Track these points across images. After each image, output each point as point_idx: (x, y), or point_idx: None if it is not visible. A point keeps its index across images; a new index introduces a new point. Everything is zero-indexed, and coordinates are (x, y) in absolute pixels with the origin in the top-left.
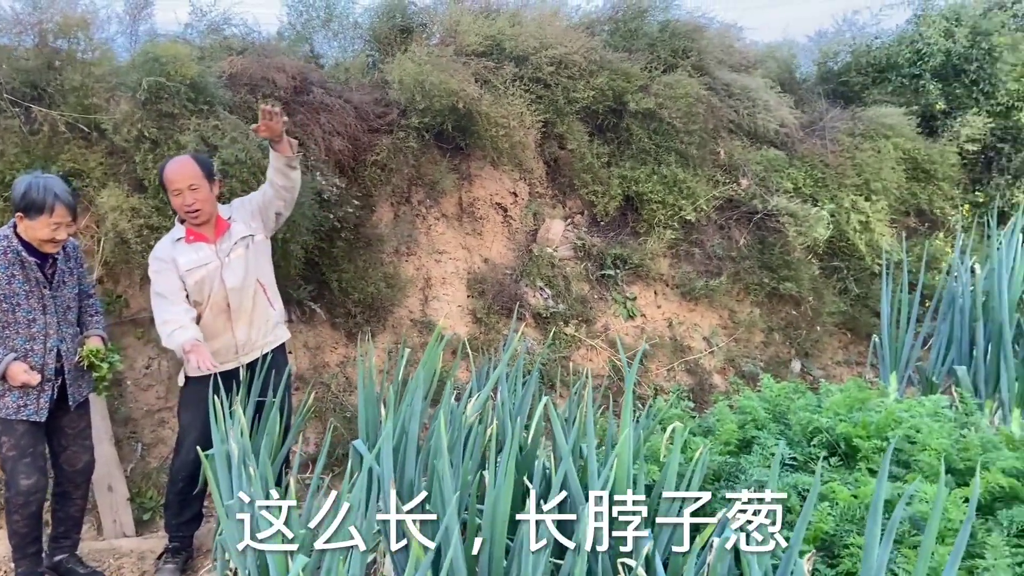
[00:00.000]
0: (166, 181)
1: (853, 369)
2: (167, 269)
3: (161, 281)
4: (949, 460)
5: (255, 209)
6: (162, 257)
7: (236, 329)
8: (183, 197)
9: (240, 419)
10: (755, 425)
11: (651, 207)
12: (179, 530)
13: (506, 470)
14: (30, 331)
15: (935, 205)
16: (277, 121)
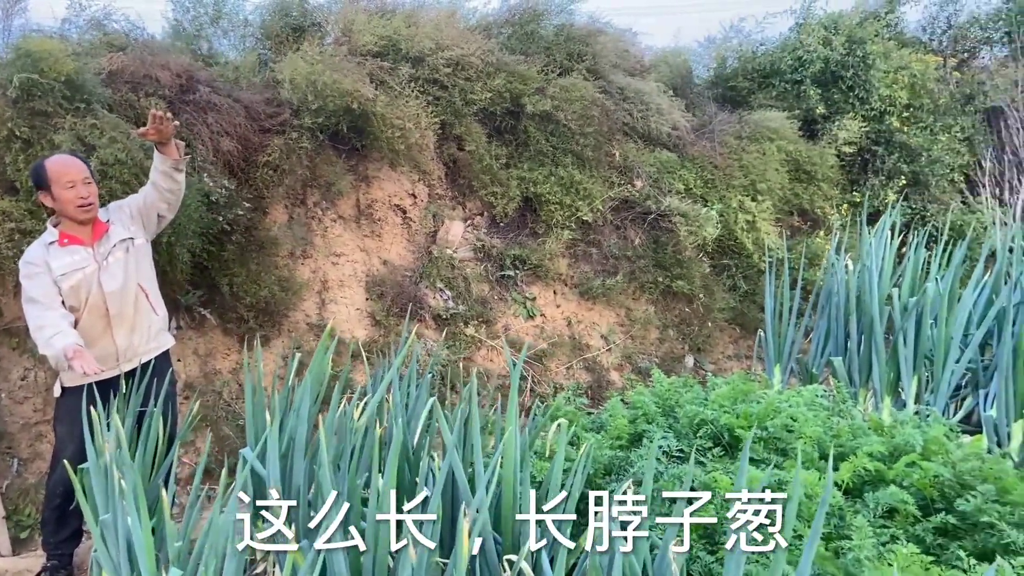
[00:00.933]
0: (56, 174)
1: (743, 363)
2: (40, 273)
3: (34, 286)
4: (822, 446)
5: (135, 211)
6: (34, 261)
7: (116, 336)
8: (78, 189)
9: (117, 430)
10: (646, 419)
11: (549, 208)
12: (58, 548)
13: (390, 471)
14: None
15: (816, 205)
16: (167, 126)
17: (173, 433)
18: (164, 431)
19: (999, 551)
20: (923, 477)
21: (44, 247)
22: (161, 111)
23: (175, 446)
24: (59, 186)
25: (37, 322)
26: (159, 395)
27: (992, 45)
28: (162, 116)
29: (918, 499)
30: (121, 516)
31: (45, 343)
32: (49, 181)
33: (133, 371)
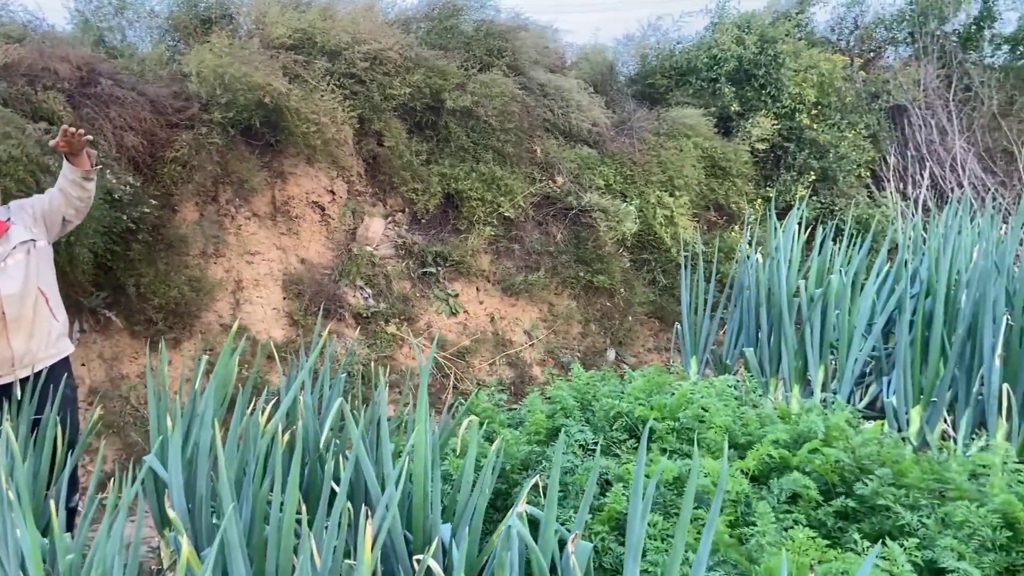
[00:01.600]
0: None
1: (663, 355)
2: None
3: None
4: (732, 436)
5: (38, 213)
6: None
7: (13, 340)
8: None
9: (9, 439)
10: (564, 413)
11: (471, 204)
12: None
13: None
14: None
15: (731, 200)
16: (80, 141)
17: (74, 440)
18: (64, 439)
19: (895, 532)
20: (825, 463)
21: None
22: (73, 128)
23: (76, 454)
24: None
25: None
26: (56, 402)
27: (896, 45)
28: (74, 132)
29: (820, 484)
30: (11, 529)
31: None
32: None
33: (28, 377)
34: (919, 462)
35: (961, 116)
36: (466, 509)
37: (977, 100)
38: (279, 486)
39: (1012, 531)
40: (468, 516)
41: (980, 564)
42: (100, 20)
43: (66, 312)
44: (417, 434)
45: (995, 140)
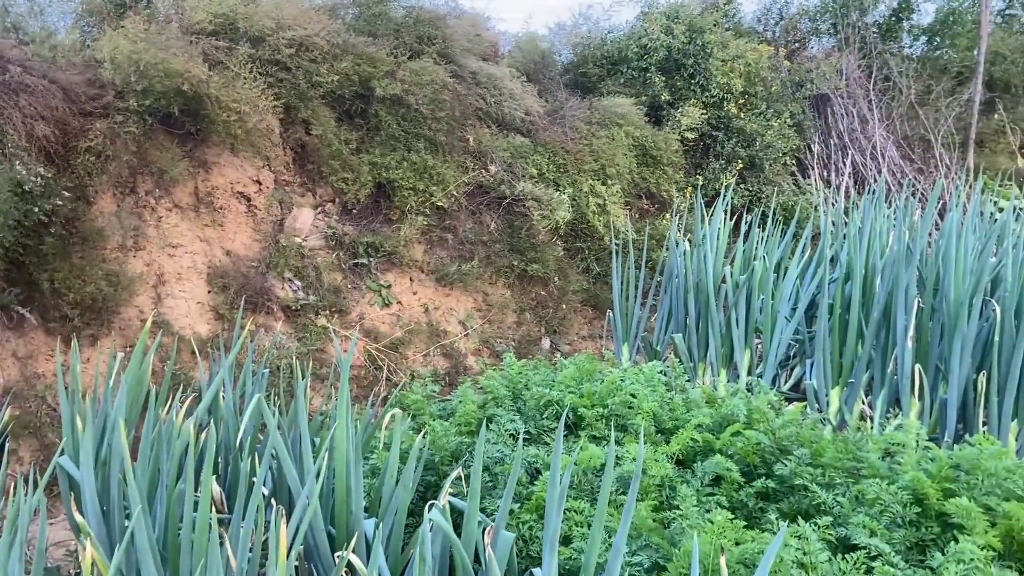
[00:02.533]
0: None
1: (596, 342)
2: None
3: None
4: (659, 421)
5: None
6: None
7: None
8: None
9: None
10: (495, 403)
11: (403, 193)
12: None
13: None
14: None
15: (662, 188)
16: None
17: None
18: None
19: (812, 511)
20: (746, 445)
21: None
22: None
23: None
24: None
25: None
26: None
27: (820, 36)
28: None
29: (742, 467)
30: None
31: None
32: None
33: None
34: (835, 442)
35: (881, 105)
36: (391, 503)
37: (896, 90)
38: (191, 487)
39: (921, 507)
40: (393, 510)
41: (891, 540)
42: (12, 4)
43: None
44: (338, 428)
45: (913, 128)
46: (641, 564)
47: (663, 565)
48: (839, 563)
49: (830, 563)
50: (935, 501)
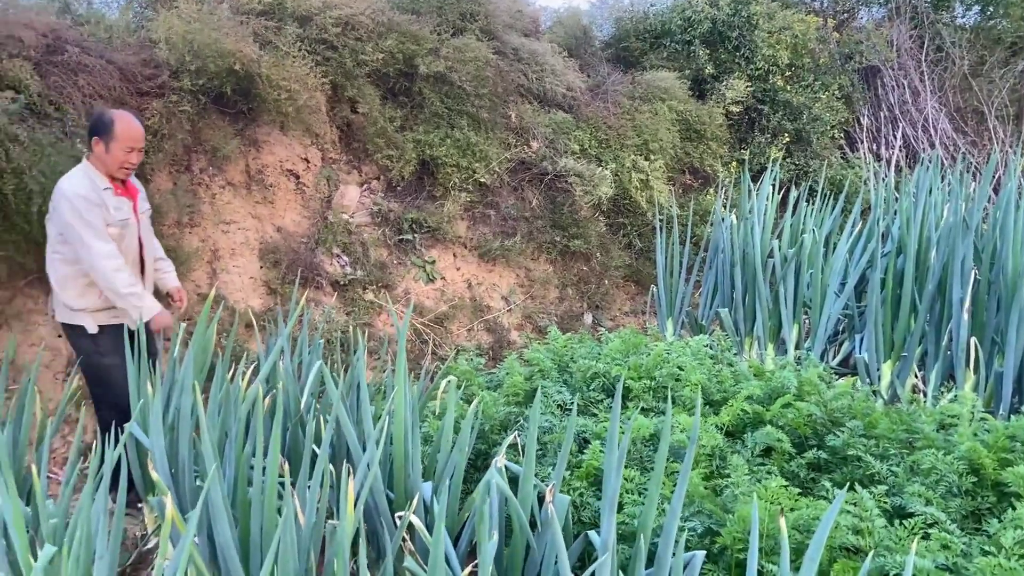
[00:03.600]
0: (123, 134)
1: (639, 318)
2: (99, 210)
3: (96, 220)
4: (707, 393)
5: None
6: (94, 200)
7: (146, 285)
8: (133, 155)
9: None
10: (541, 375)
11: (446, 170)
12: None
13: (274, 438)
14: None
15: (706, 163)
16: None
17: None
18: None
19: (865, 481)
20: (797, 417)
21: (98, 188)
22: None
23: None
24: (121, 146)
25: (113, 263)
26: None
27: (869, 6)
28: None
29: (793, 438)
30: None
31: (128, 290)
32: (112, 136)
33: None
34: (889, 414)
35: (933, 77)
36: (446, 467)
37: (948, 61)
38: (260, 448)
39: (977, 477)
40: (448, 474)
41: (947, 508)
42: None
43: None
44: (397, 395)
45: (966, 100)
46: (694, 529)
47: (716, 531)
48: (896, 529)
49: (886, 529)
50: (991, 471)
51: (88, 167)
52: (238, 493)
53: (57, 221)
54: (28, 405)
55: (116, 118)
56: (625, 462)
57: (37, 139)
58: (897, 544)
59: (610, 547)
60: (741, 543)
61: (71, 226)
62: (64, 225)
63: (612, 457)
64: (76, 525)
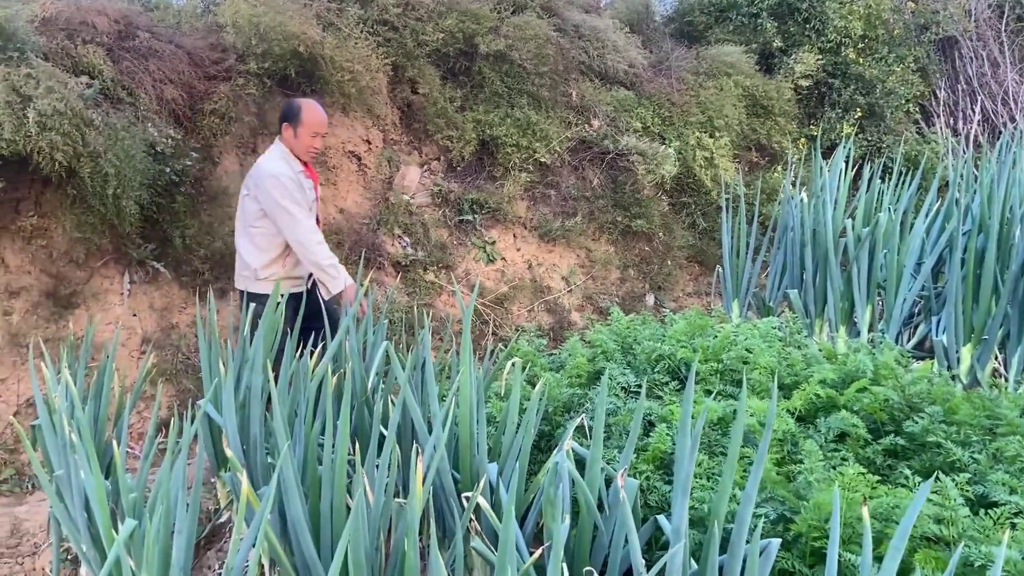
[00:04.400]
0: (311, 121)
1: (702, 299)
2: (298, 192)
3: (298, 201)
4: (777, 376)
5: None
6: (295, 180)
7: None
8: (318, 140)
9: (68, 384)
10: (604, 357)
11: (506, 150)
12: None
13: (344, 416)
14: None
15: (773, 139)
16: None
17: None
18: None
19: (945, 469)
20: (873, 402)
21: (293, 169)
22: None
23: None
24: (307, 131)
25: (317, 237)
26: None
27: None
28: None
29: (868, 423)
30: (75, 471)
31: (329, 262)
32: (301, 123)
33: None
34: (970, 399)
35: (1013, 47)
36: (511, 449)
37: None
38: (331, 427)
39: None
40: (514, 455)
41: None
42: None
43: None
44: (462, 376)
45: None
46: (767, 516)
47: (789, 518)
48: (982, 519)
49: (970, 519)
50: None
51: (284, 151)
52: (308, 471)
53: (261, 199)
54: (107, 382)
55: (304, 106)
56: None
57: (111, 124)
58: (981, 534)
59: (683, 534)
60: (817, 531)
61: (278, 203)
62: (270, 202)
63: (685, 442)
64: (156, 500)
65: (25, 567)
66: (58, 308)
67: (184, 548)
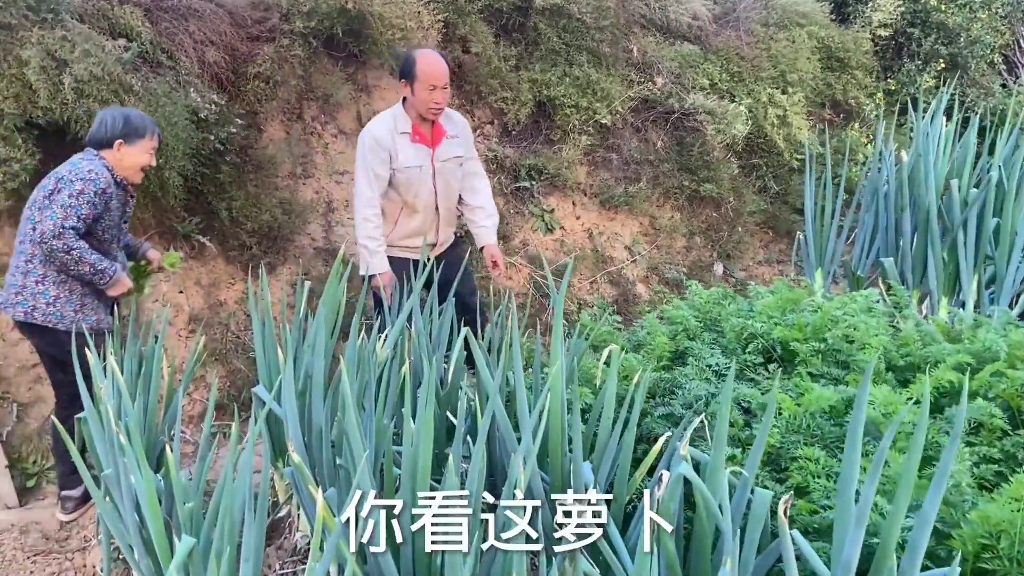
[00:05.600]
0: (424, 74)
1: (774, 268)
2: (384, 159)
3: (374, 167)
4: (889, 358)
5: (470, 147)
6: (384, 145)
7: (441, 230)
8: (437, 94)
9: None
10: (687, 335)
11: (564, 112)
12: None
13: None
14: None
15: (850, 95)
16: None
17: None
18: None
19: None
20: (1009, 387)
21: (393, 133)
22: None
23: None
24: (421, 85)
25: (368, 212)
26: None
27: None
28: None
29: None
30: (124, 473)
31: (364, 242)
32: (414, 76)
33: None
34: None
35: None
36: (608, 447)
37: None
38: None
39: None
40: (611, 454)
41: None
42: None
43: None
44: (552, 363)
45: None
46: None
47: (941, 530)
48: None
49: None
50: None
51: (398, 110)
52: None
53: None
54: (156, 369)
55: (417, 57)
56: (802, 438)
57: (151, 88)
58: None
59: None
60: (988, 550)
61: (356, 163)
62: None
63: (854, 458)
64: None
65: (75, 563)
66: None
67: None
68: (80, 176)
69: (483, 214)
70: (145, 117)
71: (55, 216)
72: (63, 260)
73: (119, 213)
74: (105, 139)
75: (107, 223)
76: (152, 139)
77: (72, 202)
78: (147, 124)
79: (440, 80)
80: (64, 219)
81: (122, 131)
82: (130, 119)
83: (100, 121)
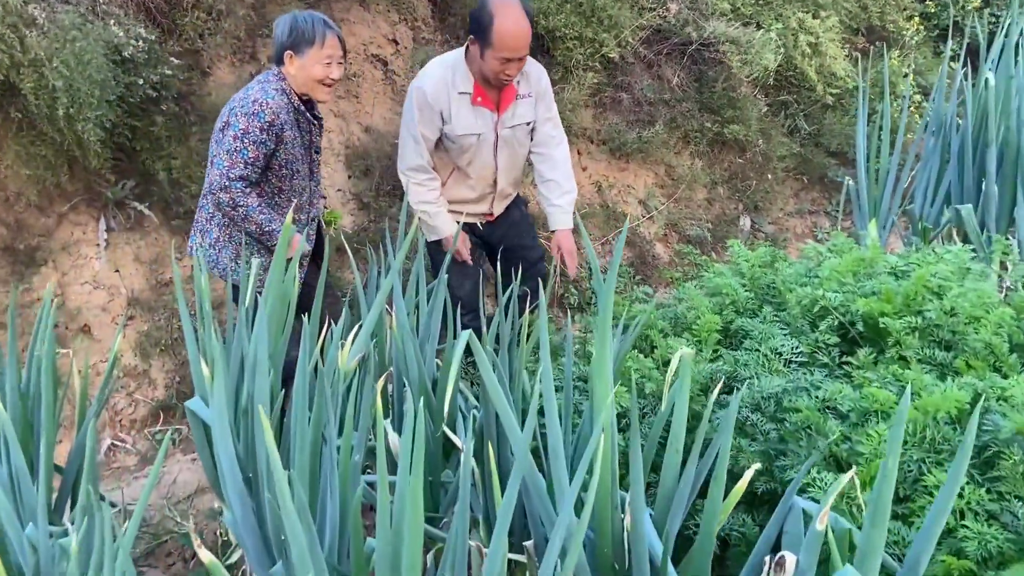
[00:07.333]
0: (504, 45)
1: (806, 220)
2: (434, 121)
3: (422, 129)
4: (1010, 334)
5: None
6: (437, 104)
7: (495, 202)
8: (512, 67)
9: None
10: (734, 308)
11: (566, 45)
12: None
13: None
14: (300, 200)
15: (887, 18)
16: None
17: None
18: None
19: None
20: None
21: (452, 92)
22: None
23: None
24: (495, 54)
25: (415, 177)
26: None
27: None
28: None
29: None
30: None
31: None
32: (488, 42)
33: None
34: None
35: None
36: (675, 494)
37: None
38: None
39: None
40: (681, 499)
41: None
42: None
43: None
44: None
45: None
46: None
47: None
48: None
49: None
50: None
51: (458, 61)
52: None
53: None
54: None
55: (497, 17)
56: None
57: (58, 21)
58: None
59: None
60: None
61: (403, 116)
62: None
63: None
64: None
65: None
66: (18, 266)
67: None
68: (245, 110)
69: (557, 190)
70: (316, 17)
71: (221, 164)
72: (230, 215)
73: (302, 143)
74: (276, 53)
75: (285, 157)
76: (325, 46)
77: (236, 145)
78: (316, 27)
79: (520, 52)
80: (230, 167)
81: (289, 40)
82: (296, 23)
83: (274, 29)
